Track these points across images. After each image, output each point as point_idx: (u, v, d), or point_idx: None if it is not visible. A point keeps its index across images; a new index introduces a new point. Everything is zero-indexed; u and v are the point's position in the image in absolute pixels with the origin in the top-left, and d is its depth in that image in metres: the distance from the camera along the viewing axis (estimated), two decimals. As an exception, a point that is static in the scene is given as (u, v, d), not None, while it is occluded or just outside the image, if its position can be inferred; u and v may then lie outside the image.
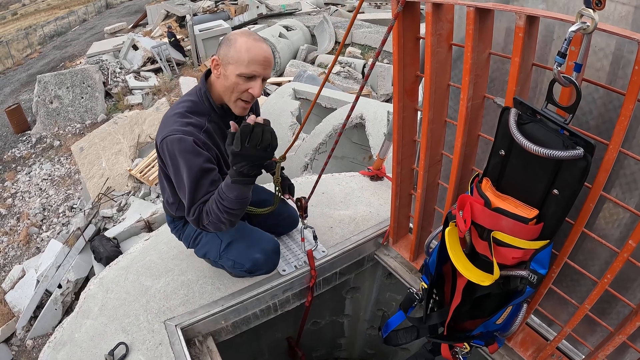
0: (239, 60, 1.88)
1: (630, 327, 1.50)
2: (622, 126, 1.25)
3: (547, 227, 1.45)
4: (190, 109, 1.97)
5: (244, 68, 1.89)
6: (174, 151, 1.88)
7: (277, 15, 20.27)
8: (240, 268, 2.27)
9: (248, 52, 1.87)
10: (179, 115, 1.94)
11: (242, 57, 1.87)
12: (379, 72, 12.10)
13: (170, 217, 2.40)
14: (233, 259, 2.26)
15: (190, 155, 1.87)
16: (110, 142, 9.77)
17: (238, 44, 1.88)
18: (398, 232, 2.64)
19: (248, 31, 1.97)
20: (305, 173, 6.03)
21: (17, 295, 7.48)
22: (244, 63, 1.88)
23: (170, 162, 1.92)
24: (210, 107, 2.01)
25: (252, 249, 2.26)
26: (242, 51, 1.87)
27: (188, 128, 1.90)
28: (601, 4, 1.11)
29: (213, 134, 2.01)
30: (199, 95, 2.02)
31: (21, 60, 24.09)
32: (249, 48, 1.88)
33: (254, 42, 1.90)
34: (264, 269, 2.32)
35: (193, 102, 2.00)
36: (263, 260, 2.27)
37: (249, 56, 1.88)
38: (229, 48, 1.89)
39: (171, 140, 1.87)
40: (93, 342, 2.14)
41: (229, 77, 1.92)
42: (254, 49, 1.89)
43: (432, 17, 1.64)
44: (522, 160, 1.44)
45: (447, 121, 2.00)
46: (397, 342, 2.10)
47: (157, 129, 2.00)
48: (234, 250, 2.26)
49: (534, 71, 1.60)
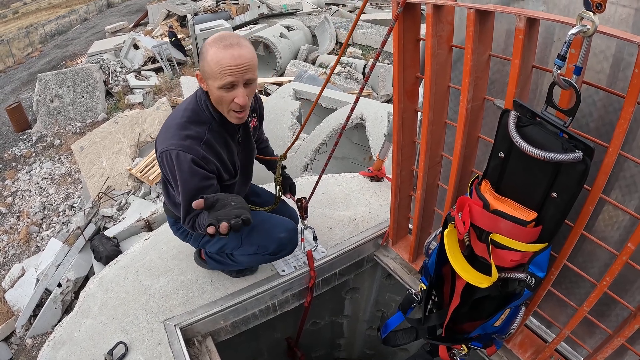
0: (212, 74, 1.81)
1: (629, 330, 1.50)
2: (621, 129, 1.25)
3: (546, 230, 1.45)
4: (190, 119, 1.92)
5: (219, 81, 1.80)
6: (173, 166, 1.87)
7: (278, 15, 20.27)
8: (264, 251, 2.23)
9: (218, 63, 1.77)
10: (179, 127, 1.90)
11: (214, 70, 1.78)
12: (380, 72, 12.11)
13: (172, 219, 2.35)
14: (257, 243, 2.22)
15: (186, 175, 1.86)
16: (111, 142, 9.77)
17: (209, 57, 1.78)
18: (397, 233, 2.64)
19: (220, 36, 1.82)
20: (305, 173, 6.04)
21: (17, 294, 7.48)
22: (217, 76, 1.79)
23: (170, 175, 1.92)
24: (211, 116, 1.95)
25: (275, 229, 2.25)
26: (212, 64, 1.77)
27: (187, 142, 1.86)
28: (601, 7, 1.11)
29: (213, 144, 1.95)
30: (199, 103, 1.96)
31: (22, 59, 24.09)
32: (219, 59, 1.76)
33: (223, 50, 1.77)
34: (287, 249, 2.30)
35: (193, 112, 1.95)
36: (287, 239, 2.25)
37: (220, 67, 1.77)
38: (204, 62, 1.81)
39: (169, 156, 1.86)
40: (92, 342, 2.15)
41: (213, 91, 1.86)
42: (224, 59, 1.76)
43: (432, 19, 1.64)
44: (521, 163, 1.44)
45: (447, 123, 2.00)
46: (395, 343, 2.11)
47: (158, 134, 1.98)
48: (257, 235, 2.22)
49: (534, 73, 1.60)
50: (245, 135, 2.17)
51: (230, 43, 1.78)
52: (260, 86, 12.65)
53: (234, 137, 2.08)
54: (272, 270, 2.51)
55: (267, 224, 2.28)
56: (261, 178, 3.42)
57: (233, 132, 2.06)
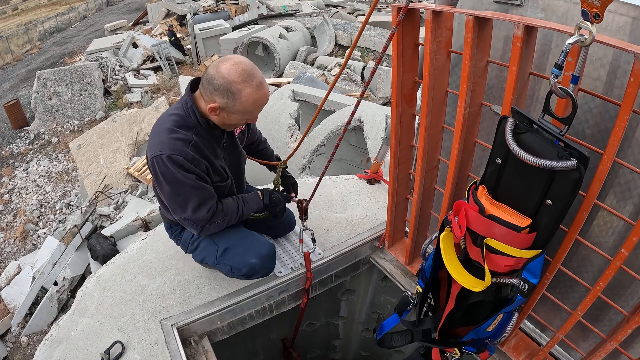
0: (246, 112, 1.93)
1: (622, 334, 1.52)
2: (616, 137, 1.27)
3: (540, 237, 1.47)
4: (177, 123, 1.97)
5: (250, 115, 1.97)
6: (165, 169, 1.92)
7: (278, 16, 20.28)
8: (237, 273, 2.29)
9: (255, 103, 1.91)
10: (167, 132, 1.95)
11: (248, 109, 1.91)
12: (378, 75, 12.13)
13: (167, 223, 2.42)
14: (230, 264, 2.27)
15: (180, 176, 1.94)
16: (109, 140, 9.77)
17: (244, 98, 1.86)
18: (394, 235, 2.65)
19: (249, 74, 1.86)
20: (302, 175, 6.04)
21: (13, 292, 7.47)
22: (251, 112, 1.95)
23: (163, 179, 1.96)
24: (197, 122, 2.00)
25: (247, 254, 2.27)
26: (248, 104, 1.89)
27: (176, 144, 1.92)
28: (599, 17, 1.13)
29: (201, 147, 2.01)
30: (186, 109, 1.99)
31: (21, 56, 24.01)
32: (255, 100, 1.90)
33: (257, 90, 1.88)
34: (260, 274, 2.34)
35: (180, 117, 1.99)
36: (259, 265, 2.28)
37: (256, 106, 1.93)
38: (234, 102, 1.87)
39: (160, 160, 1.91)
40: (89, 341, 2.15)
41: (232, 120, 1.98)
42: (260, 99, 1.92)
43: (431, 25, 1.66)
44: (517, 169, 1.45)
45: (444, 127, 2.01)
46: (391, 345, 2.11)
47: (148, 141, 2.02)
48: (231, 256, 2.27)
49: (532, 79, 1.62)
50: (230, 141, 2.23)
51: (259, 82, 1.89)
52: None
53: (219, 142, 2.14)
54: (269, 271, 2.52)
55: (241, 247, 2.29)
56: (259, 179, 3.44)
57: (218, 138, 2.13)
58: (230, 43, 15.81)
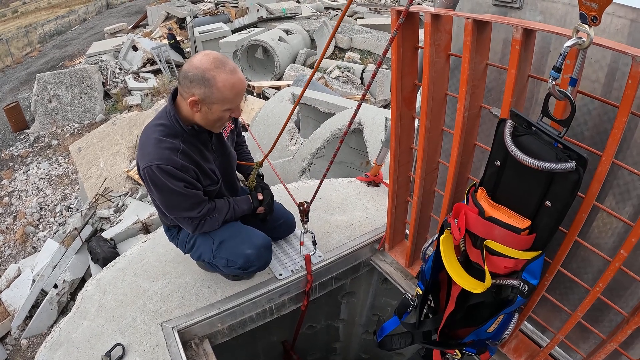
0: (224, 100, 1.91)
1: (622, 335, 1.52)
2: (614, 139, 1.27)
3: (539, 238, 1.47)
4: (163, 133, 2.00)
5: (230, 104, 1.94)
6: (156, 179, 1.97)
7: (277, 19, 20.29)
8: (233, 266, 2.29)
9: (232, 89, 1.90)
10: (154, 142, 1.98)
11: (227, 95, 1.90)
12: (378, 77, 12.14)
13: (165, 226, 2.45)
14: (226, 257, 2.28)
15: (171, 185, 1.99)
16: (109, 143, 9.78)
17: (220, 84, 1.87)
18: (394, 238, 2.66)
19: (220, 61, 1.90)
20: (302, 178, 6.05)
21: (13, 295, 7.46)
22: (230, 100, 1.93)
23: (155, 189, 2.02)
24: (182, 129, 2.03)
25: (243, 246, 2.28)
26: (225, 90, 1.89)
27: (165, 153, 1.96)
28: (597, 20, 1.13)
29: (189, 153, 2.05)
30: (169, 118, 2.02)
31: (21, 59, 24.06)
32: (233, 85, 1.89)
33: (232, 75, 1.89)
34: (256, 265, 2.33)
35: (165, 126, 2.02)
36: (254, 255, 2.28)
37: (234, 92, 1.92)
38: (210, 89, 1.88)
39: (151, 171, 1.95)
40: (90, 343, 2.15)
41: (214, 112, 1.96)
42: (237, 84, 1.92)
43: (431, 28, 1.67)
44: (516, 172, 1.46)
45: (444, 130, 2.02)
46: (391, 347, 2.12)
47: (136, 153, 2.06)
48: (226, 249, 2.28)
49: (531, 82, 1.63)
50: (219, 142, 2.25)
51: (233, 67, 1.91)
52: (259, 90, 12.67)
53: (207, 145, 2.17)
54: (269, 273, 2.52)
55: (236, 239, 2.31)
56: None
57: (205, 141, 2.16)
58: (230, 46, 15.82)
